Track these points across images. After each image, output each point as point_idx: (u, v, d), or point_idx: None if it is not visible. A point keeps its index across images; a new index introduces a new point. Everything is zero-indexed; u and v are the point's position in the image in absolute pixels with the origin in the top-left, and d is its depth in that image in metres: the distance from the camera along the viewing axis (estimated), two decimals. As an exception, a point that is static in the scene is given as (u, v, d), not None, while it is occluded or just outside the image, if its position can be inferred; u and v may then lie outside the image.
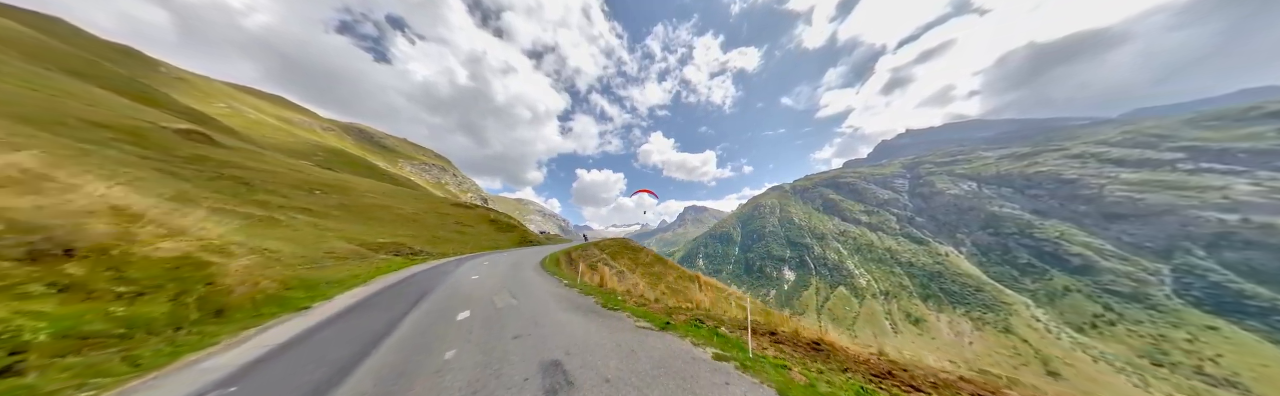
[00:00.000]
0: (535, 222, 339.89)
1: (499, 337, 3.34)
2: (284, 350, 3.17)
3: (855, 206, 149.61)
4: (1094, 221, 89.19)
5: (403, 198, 31.76)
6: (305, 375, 2.57)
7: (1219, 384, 49.75)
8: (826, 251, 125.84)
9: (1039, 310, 74.93)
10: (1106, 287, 72.28)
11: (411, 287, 6.71)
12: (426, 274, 8.86)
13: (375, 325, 3.99)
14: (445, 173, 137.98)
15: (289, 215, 14.79)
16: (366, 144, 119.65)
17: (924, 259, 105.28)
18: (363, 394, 2.24)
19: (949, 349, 70.95)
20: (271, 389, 2.38)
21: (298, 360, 2.93)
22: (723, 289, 13.80)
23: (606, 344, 3.06)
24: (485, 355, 2.87)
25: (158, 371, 2.63)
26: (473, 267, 10.17)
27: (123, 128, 17.28)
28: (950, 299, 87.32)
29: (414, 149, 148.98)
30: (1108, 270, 75.34)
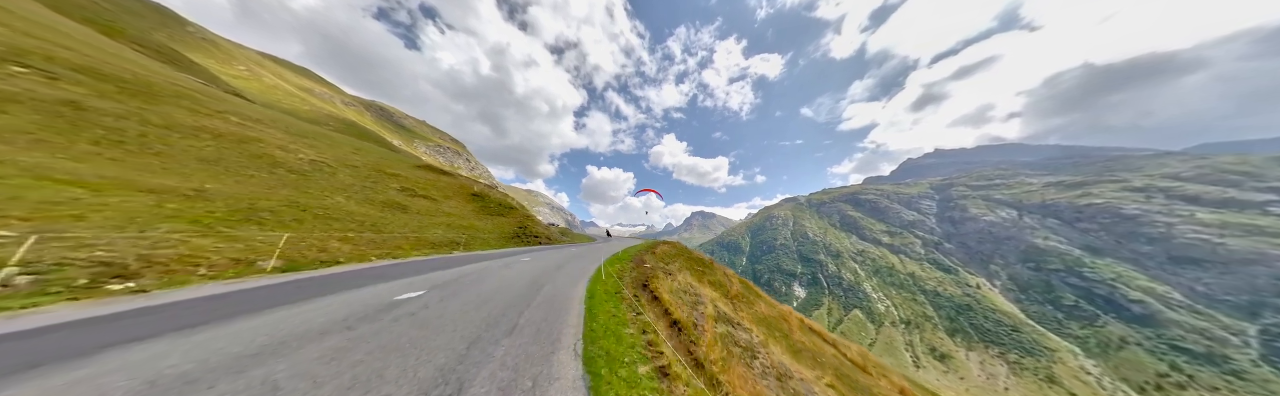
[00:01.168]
0: (543, 215, 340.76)
1: None
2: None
3: (876, 225, 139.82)
4: (1159, 264, 78.18)
5: (319, 139, 20.81)
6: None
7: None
8: (842, 270, 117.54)
9: (1089, 360, 65.64)
10: (1173, 343, 62.36)
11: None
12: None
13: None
14: (459, 156, 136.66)
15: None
16: (386, 122, 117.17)
17: (952, 289, 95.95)
18: None
19: (981, 392, 62.94)
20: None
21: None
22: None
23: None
24: None
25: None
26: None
27: (67, 63, 12.84)
28: (982, 336, 78.47)
29: (431, 131, 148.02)
30: (1175, 323, 65.17)
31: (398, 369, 2.38)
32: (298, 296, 4.02)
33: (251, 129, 15.21)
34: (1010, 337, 75.74)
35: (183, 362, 2.17)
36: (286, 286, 4.56)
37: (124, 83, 13.43)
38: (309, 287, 4.56)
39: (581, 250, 15.22)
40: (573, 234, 34.06)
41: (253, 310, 3.35)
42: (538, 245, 16.71)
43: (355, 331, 3.02)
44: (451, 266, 7.50)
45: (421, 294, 4.61)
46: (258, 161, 12.16)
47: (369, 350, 2.64)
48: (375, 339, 2.89)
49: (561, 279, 6.99)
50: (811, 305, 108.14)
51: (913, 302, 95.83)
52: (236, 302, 3.59)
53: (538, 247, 15.62)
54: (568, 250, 14.64)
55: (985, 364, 71.03)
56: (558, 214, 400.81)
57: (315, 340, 2.72)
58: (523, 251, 12.93)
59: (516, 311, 4.23)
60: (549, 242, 19.96)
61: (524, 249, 14.27)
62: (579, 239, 28.55)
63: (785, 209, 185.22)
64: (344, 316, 3.38)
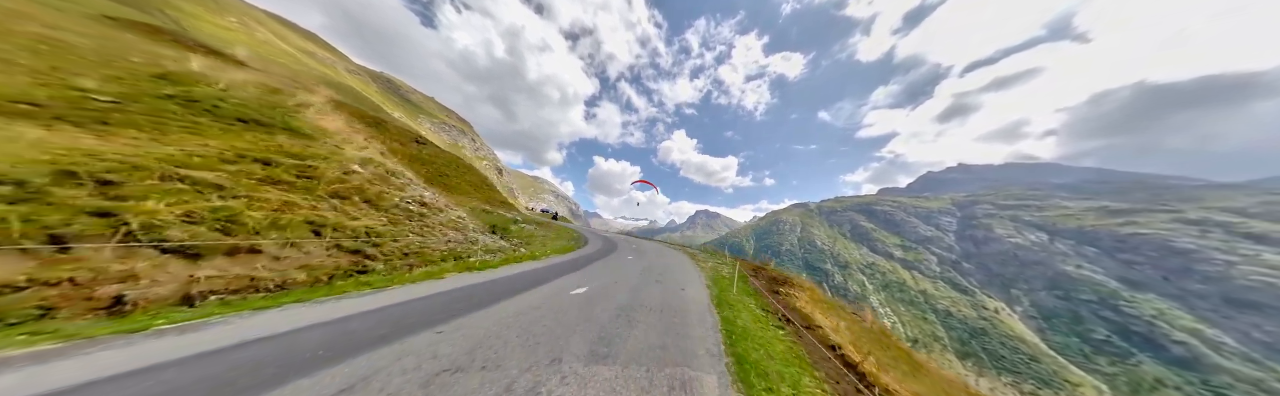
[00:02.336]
0: (548, 202, 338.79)
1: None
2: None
3: (890, 238, 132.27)
4: (1212, 306, 70.09)
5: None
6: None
7: None
8: (849, 282, 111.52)
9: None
10: (1220, 391, 55.59)
11: None
12: None
13: None
14: (464, 136, 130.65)
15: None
16: (391, 94, 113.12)
17: (967, 311, 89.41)
18: None
19: (991, 427, 57.57)
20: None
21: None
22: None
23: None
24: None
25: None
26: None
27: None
28: (995, 362, 72.49)
29: (438, 108, 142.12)
30: (1224, 369, 58.11)
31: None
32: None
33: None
34: (1027, 366, 69.57)
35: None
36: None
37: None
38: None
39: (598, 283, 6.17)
40: (554, 226, 20.99)
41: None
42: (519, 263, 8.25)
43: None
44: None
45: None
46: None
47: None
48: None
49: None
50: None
51: (922, 321, 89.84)
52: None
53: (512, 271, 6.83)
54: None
55: (996, 391, 65.32)
56: (562, 202, 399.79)
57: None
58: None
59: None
60: (535, 258, 9.41)
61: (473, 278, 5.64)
62: (563, 232, 17.60)
63: (794, 214, 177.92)
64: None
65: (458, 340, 3.00)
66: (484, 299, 4.58)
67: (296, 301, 3.69)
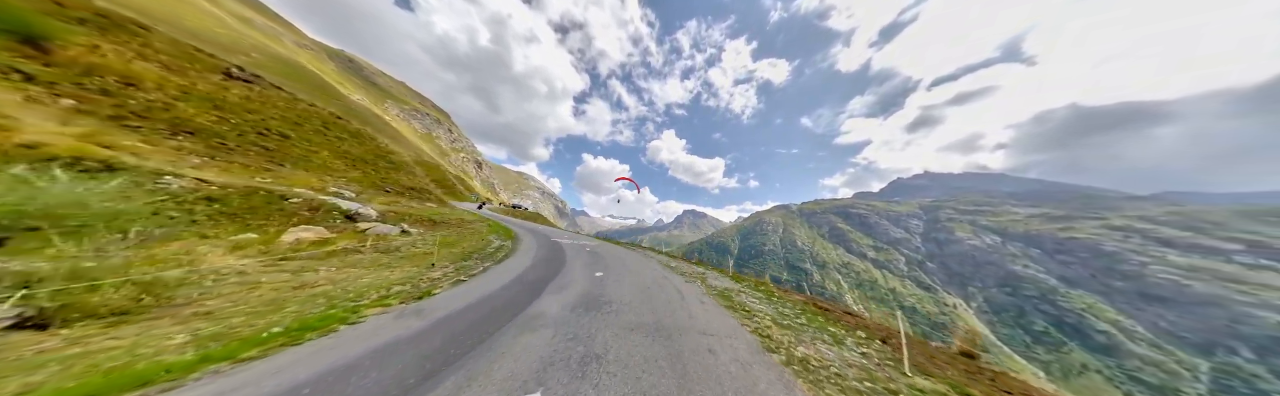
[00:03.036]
0: (533, 200, 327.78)
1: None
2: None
3: (864, 240, 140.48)
4: (1128, 300, 79.97)
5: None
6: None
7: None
8: (826, 281, 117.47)
9: (1050, 384, 66.34)
10: (1132, 373, 63.72)
11: None
12: None
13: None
14: (440, 126, 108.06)
15: None
16: (353, 75, 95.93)
17: (929, 307, 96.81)
18: None
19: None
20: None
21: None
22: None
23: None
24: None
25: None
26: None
27: None
28: (952, 354, 78.75)
29: (409, 94, 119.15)
30: (1136, 355, 66.60)
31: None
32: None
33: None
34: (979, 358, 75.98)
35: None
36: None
37: None
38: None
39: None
40: (475, 227, 12.92)
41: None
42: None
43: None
44: None
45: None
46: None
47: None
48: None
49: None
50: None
51: (891, 318, 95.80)
52: None
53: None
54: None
55: (954, 380, 71.05)
56: (548, 200, 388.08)
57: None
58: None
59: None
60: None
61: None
62: (480, 234, 10.35)
63: (777, 215, 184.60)
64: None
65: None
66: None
67: None
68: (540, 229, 17.74)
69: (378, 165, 17.63)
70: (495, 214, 27.39)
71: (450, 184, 42.01)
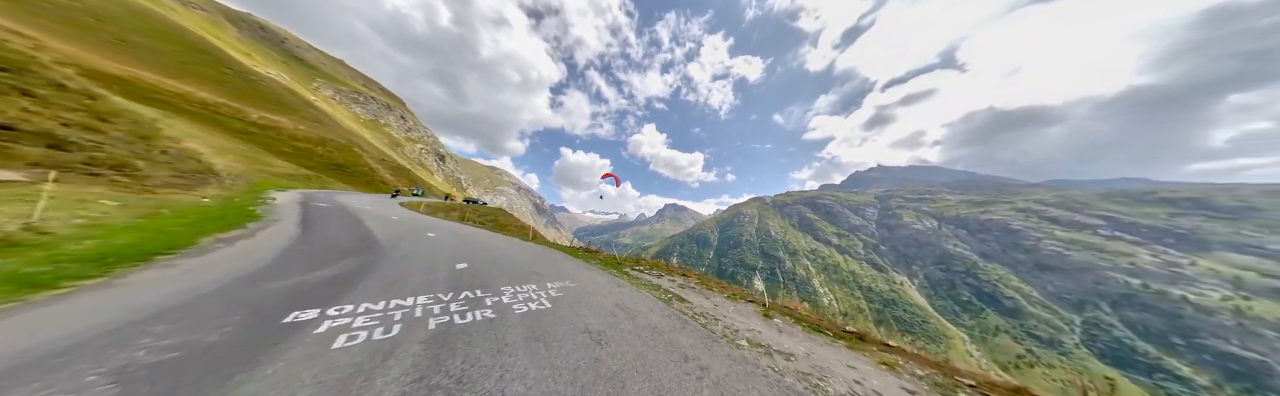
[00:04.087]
0: (508, 196, 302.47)
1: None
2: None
3: (828, 228, 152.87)
4: (1027, 270, 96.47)
5: None
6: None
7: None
8: (796, 267, 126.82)
9: (973, 345, 79.39)
10: (1030, 331, 77.94)
11: None
12: None
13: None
14: (391, 113, 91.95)
15: None
16: (269, 46, 78.86)
17: (882, 285, 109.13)
18: None
19: (896, 375, 72.15)
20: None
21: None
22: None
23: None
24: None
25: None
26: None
27: None
28: (900, 326, 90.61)
29: (349, 74, 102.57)
30: (1032, 315, 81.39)
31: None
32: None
33: None
34: (921, 327, 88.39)
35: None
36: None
37: None
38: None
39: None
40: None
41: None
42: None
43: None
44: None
45: None
46: None
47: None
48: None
49: None
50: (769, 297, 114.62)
51: (851, 297, 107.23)
52: None
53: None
54: None
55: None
56: (525, 196, 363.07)
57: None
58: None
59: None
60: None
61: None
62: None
63: (753, 207, 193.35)
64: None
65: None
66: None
67: None
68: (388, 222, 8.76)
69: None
70: (371, 209, 12.14)
71: (366, 172, 32.19)
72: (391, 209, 13.91)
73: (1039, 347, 74.46)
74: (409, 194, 28.23)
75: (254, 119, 27.74)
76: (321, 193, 16.53)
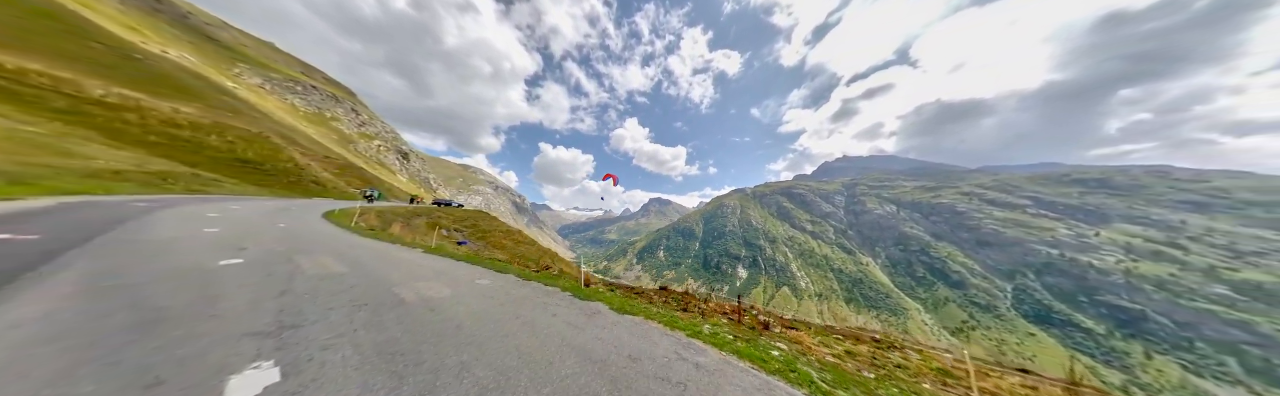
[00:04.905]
0: (485, 195, 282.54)
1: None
2: None
3: (803, 215, 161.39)
4: (970, 247, 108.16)
5: None
6: None
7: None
8: (776, 253, 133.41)
9: (927, 315, 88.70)
10: (972, 300, 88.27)
11: None
12: None
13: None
14: (339, 105, 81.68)
15: None
16: (164, 22, 63.49)
17: (850, 267, 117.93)
18: None
19: (864, 346, 79.25)
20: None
21: None
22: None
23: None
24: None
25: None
26: None
27: None
28: (867, 302, 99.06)
29: (281, 59, 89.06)
30: (974, 286, 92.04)
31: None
32: None
33: None
34: (883, 302, 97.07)
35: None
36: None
37: None
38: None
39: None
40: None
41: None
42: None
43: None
44: None
45: None
46: None
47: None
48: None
49: None
50: (751, 284, 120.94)
51: (825, 279, 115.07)
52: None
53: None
54: None
55: (867, 324, 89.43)
56: (503, 195, 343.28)
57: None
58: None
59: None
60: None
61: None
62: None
63: (734, 198, 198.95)
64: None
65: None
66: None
67: None
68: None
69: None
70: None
71: (289, 170, 24.04)
72: (299, 222, 8.66)
73: (979, 313, 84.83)
74: (360, 197, 22.41)
75: (97, 96, 19.30)
76: (151, 201, 9.16)
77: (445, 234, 15.12)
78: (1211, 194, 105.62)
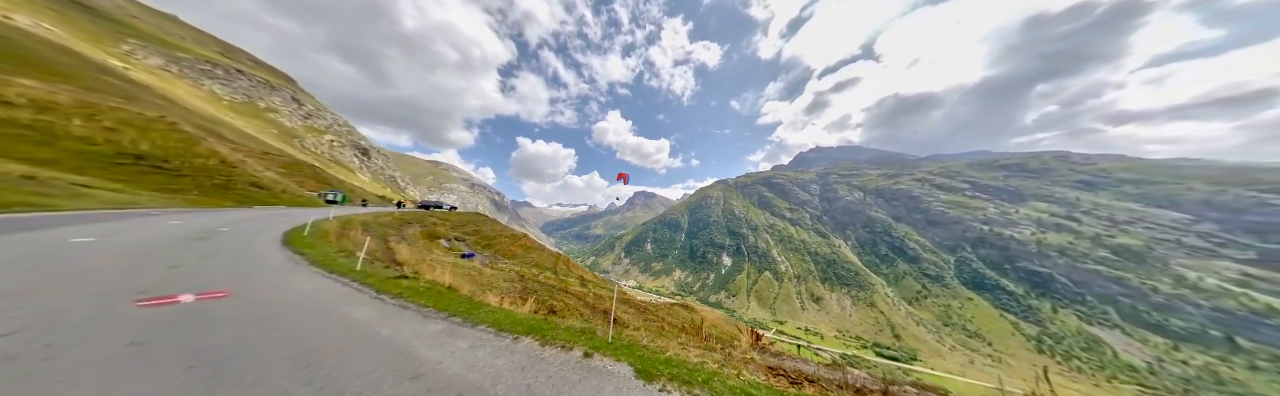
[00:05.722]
0: (461, 194, 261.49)
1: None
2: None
3: (782, 204, 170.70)
4: (923, 226, 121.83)
5: None
6: None
7: (972, 335, 73.98)
8: (758, 241, 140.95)
9: (889, 288, 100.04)
10: (924, 272, 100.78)
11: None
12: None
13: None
14: (276, 93, 68.42)
15: None
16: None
17: (825, 249, 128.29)
18: None
19: (836, 321, 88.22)
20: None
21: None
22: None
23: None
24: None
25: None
26: None
27: None
28: (839, 281, 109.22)
29: (191, 36, 73.22)
30: (926, 260, 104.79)
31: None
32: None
33: None
34: (853, 280, 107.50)
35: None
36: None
37: None
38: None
39: None
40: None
41: None
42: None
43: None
44: None
45: None
46: None
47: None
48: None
49: None
50: (736, 271, 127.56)
51: (802, 262, 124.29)
52: None
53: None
54: None
55: (839, 301, 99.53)
56: (481, 193, 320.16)
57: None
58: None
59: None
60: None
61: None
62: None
63: (717, 189, 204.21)
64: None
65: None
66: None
67: None
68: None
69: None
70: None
71: (211, 168, 16.96)
72: (244, 281, 3.75)
73: (930, 283, 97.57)
74: (323, 202, 18.85)
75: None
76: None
77: (446, 245, 12.25)
78: (1097, 175, 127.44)
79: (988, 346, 73.92)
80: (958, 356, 71.58)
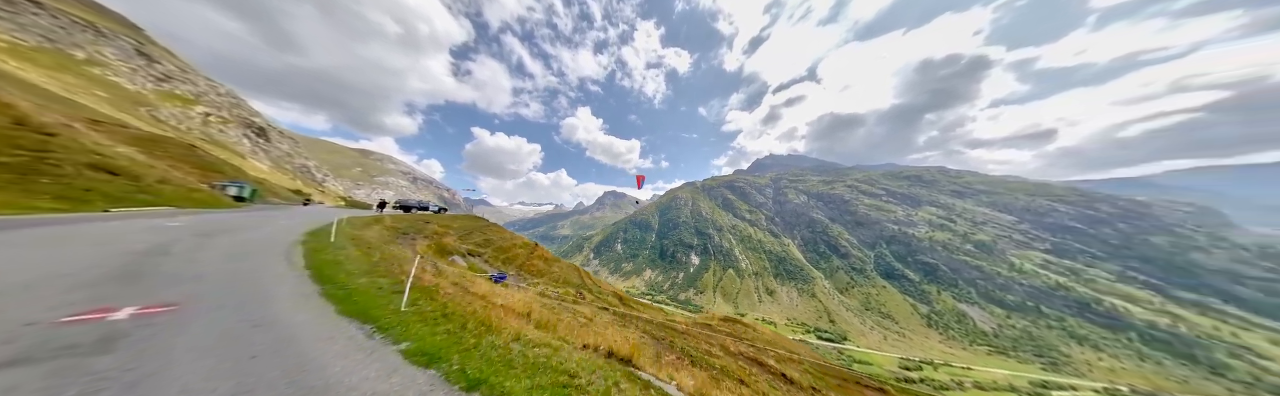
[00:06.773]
0: (401, 189, 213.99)
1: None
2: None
3: (743, 206, 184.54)
4: (851, 227, 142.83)
5: None
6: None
7: (885, 317, 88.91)
8: (723, 240, 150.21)
9: (827, 281, 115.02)
10: (852, 266, 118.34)
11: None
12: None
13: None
14: (108, 41, 45.55)
15: None
16: None
17: (777, 248, 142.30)
18: None
19: (786, 311, 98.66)
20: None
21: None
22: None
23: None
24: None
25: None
26: None
27: None
28: (789, 276, 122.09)
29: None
30: (854, 255, 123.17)
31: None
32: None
33: None
34: (799, 274, 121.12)
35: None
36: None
37: None
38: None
39: None
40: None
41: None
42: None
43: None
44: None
45: None
46: None
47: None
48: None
49: None
50: (703, 269, 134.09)
51: (759, 259, 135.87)
52: None
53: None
54: None
55: (788, 293, 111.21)
56: (425, 188, 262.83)
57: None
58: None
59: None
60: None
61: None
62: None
63: (686, 191, 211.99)
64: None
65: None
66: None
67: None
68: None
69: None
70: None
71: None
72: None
73: (856, 276, 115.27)
74: (224, 197, 12.64)
75: None
76: None
77: (462, 263, 8.59)
78: (963, 186, 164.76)
79: (896, 325, 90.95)
80: (875, 335, 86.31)
